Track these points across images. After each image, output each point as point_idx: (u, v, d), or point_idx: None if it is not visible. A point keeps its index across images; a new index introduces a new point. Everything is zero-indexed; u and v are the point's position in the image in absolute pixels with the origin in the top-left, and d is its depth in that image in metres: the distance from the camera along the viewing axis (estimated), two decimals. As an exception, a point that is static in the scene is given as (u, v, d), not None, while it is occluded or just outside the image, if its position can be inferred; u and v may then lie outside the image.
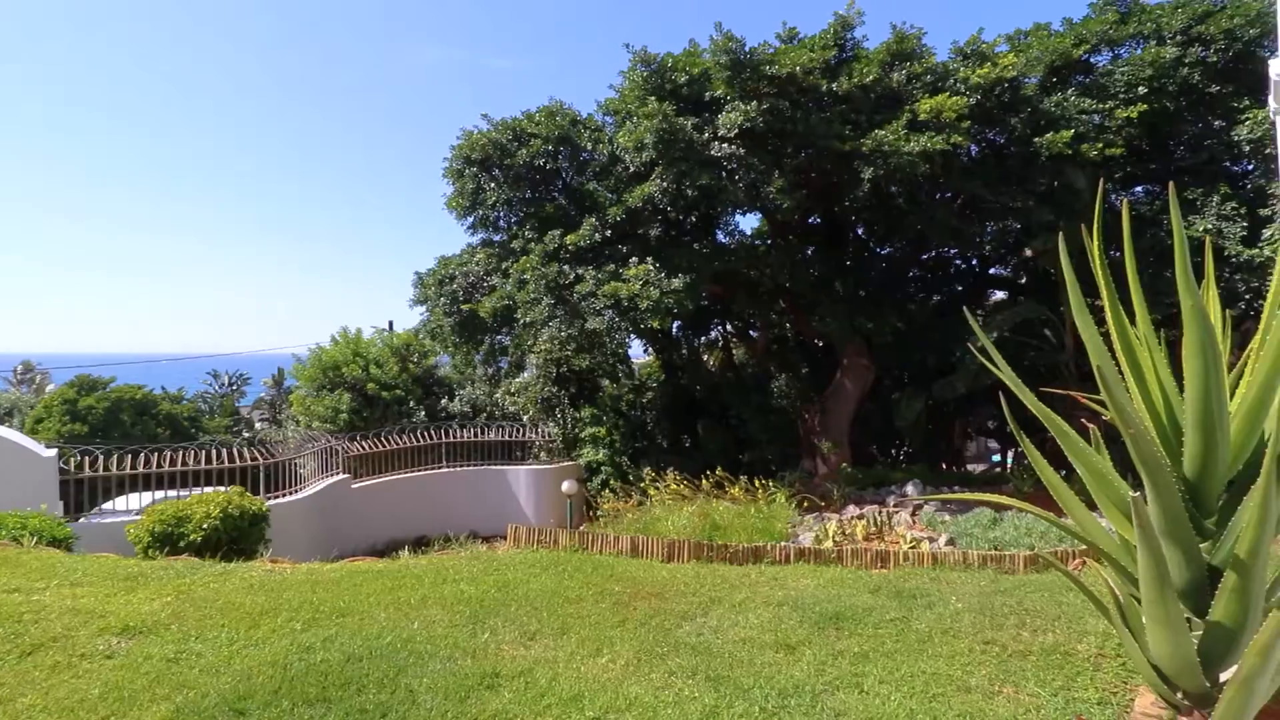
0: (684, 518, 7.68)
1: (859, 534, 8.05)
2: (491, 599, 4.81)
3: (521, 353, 14.95)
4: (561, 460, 15.80)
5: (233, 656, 3.47)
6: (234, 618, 4.04)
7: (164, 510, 7.59)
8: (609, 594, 5.15)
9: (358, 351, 19.38)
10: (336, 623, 4.08)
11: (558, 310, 11.39)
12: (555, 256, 11.85)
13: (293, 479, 12.34)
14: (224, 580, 4.86)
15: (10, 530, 6.26)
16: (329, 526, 12.09)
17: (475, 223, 13.63)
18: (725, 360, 17.69)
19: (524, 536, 6.72)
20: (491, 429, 15.80)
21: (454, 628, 4.18)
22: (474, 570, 5.57)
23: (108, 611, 4.00)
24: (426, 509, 14.04)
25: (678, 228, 13.34)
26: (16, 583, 4.51)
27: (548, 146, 12.70)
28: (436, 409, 18.95)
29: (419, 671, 3.47)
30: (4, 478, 8.64)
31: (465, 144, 12.87)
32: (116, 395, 21.49)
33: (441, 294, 13.53)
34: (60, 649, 3.46)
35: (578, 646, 4.02)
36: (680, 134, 11.02)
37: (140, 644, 3.57)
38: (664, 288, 10.57)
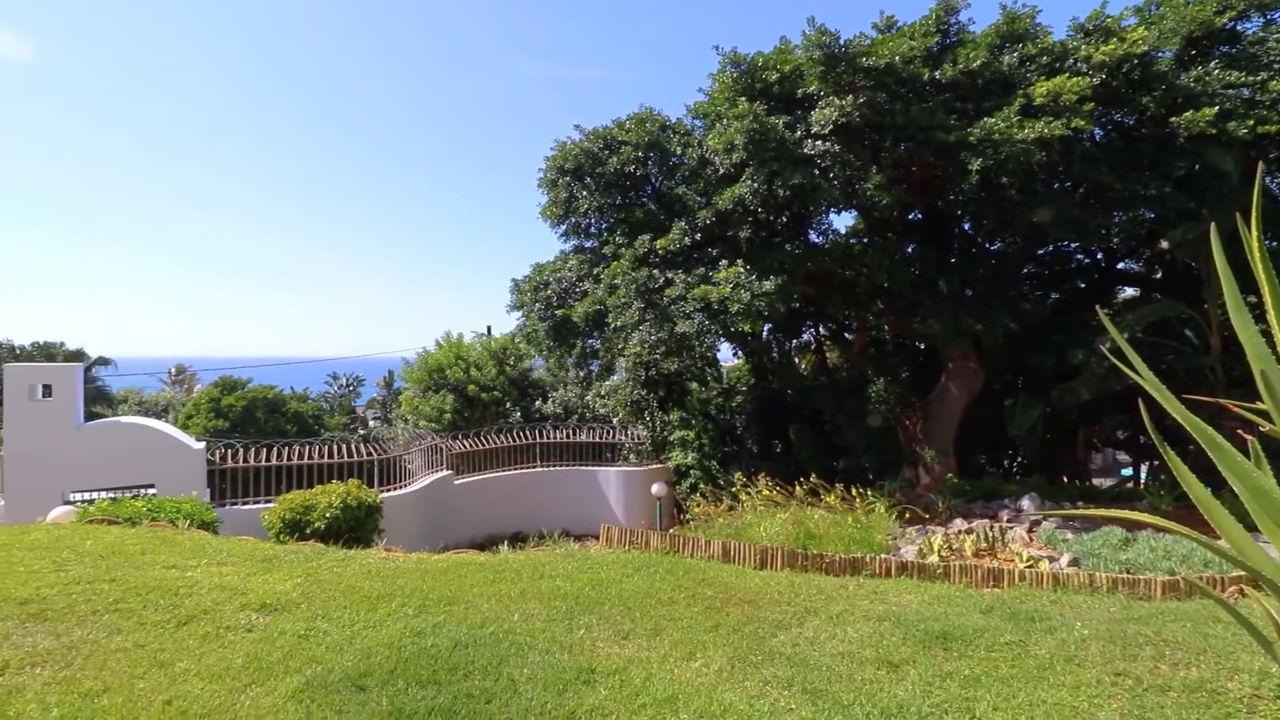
0: (777, 525, 7.52)
1: (968, 549, 7.56)
2: (586, 596, 4.92)
3: (611, 356, 15.21)
4: (650, 463, 15.92)
5: (354, 636, 3.76)
6: (355, 600, 4.38)
7: (293, 499, 8.36)
8: (701, 598, 5.13)
9: (459, 355, 20.47)
10: (444, 610, 4.32)
11: (647, 314, 11.49)
12: (645, 261, 11.97)
13: (402, 474, 13.20)
14: (346, 565, 5.28)
15: (168, 514, 7.11)
16: (434, 519, 12.83)
17: (568, 230, 14.02)
18: (818, 364, 17.17)
19: (616, 537, 6.82)
20: (583, 430, 16.18)
21: (551, 622, 4.31)
22: (569, 568, 5.72)
23: (248, 589, 4.45)
24: (522, 506, 14.59)
25: (768, 229, 13.10)
26: (173, 560, 5.11)
27: (637, 153, 12.86)
28: (531, 410, 19.67)
29: (520, 662, 3.61)
30: (163, 467, 9.81)
31: (559, 154, 13.28)
32: (253, 395, 23.85)
33: (536, 300, 14.01)
34: (209, 620, 3.88)
35: (671, 649, 4.03)
36: (771, 133, 10.83)
37: (275, 620, 3.94)
38: (755, 290, 10.41)
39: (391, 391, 38.96)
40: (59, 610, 3.76)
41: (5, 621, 3.55)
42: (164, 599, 4.07)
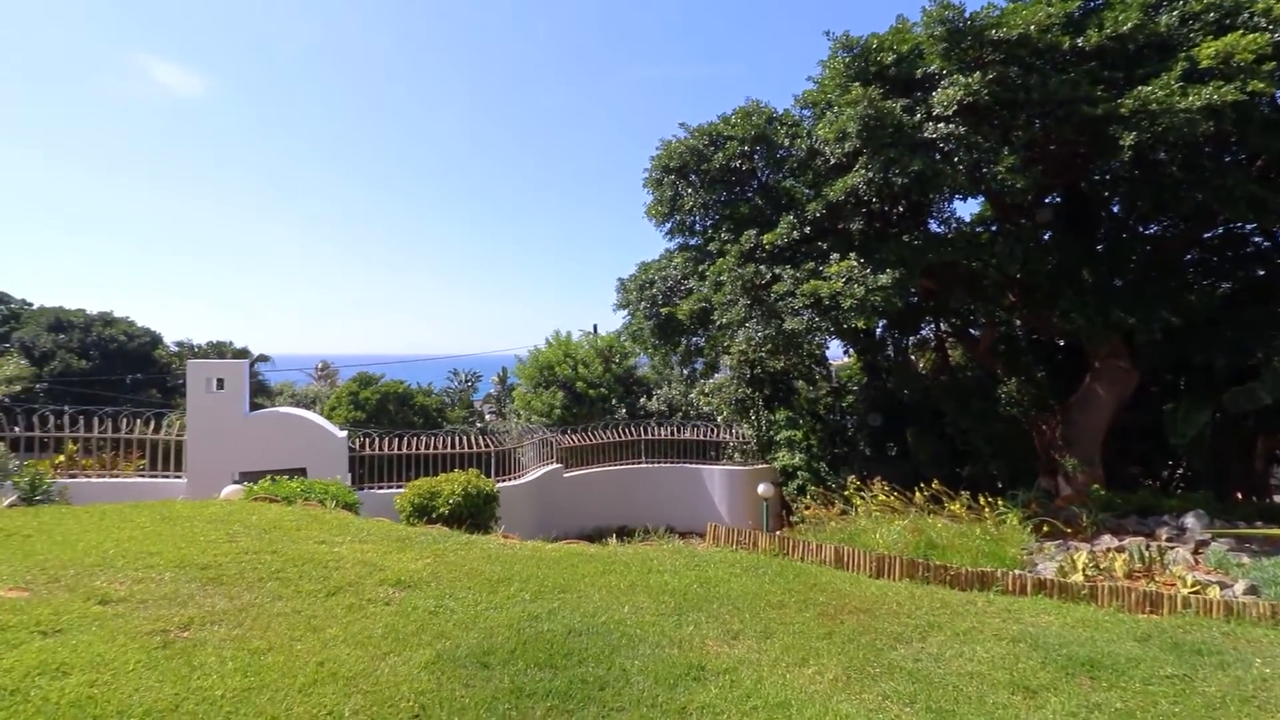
0: (894, 532, 7.12)
1: (1119, 570, 6.77)
2: (694, 594, 4.91)
3: (716, 354, 15.09)
4: (756, 462, 15.65)
5: (478, 616, 3.99)
6: (477, 582, 4.65)
7: (421, 486, 9.02)
8: (813, 603, 4.98)
9: (568, 353, 21.18)
10: (558, 598, 4.48)
11: (753, 311, 11.28)
12: (751, 257, 11.76)
13: (515, 466, 13.86)
14: (469, 549, 5.62)
15: (317, 494, 7.90)
16: (544, 510, 13.36)
17: (673, 228, 14.06)
18: (939, 362, 16.07)
19: (722, 536, 6.77)
20: (687, 428, 16.19)
21: (660, 616, 4.35)
22: (676, 564, 5.74)
23: (385, 566, 4.85)
24: (627, 501, 14.84)
25: (883, 220, 12.45)
26: (323, 536, 5.67)
27: (744, 147, 12.66)
28: (636, 407, 19.97)
29: (630, 653, 3.67)
30: (313, 452, 10.91)
31: (664, 153, 13.34)
32: (385, 389, 25.99)
33: (642, 298, 14.18)
34: (353, 592, 4.27)
35: (782, 653, 3.94)
36: (888, 118, 10.27)
37: (409, 596, 4.27)
38: (869, 284, 9.91)
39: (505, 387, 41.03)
40: (231, 576, 4.29)
41: (190, 584, 4.10)
42: (316, 571, 4.53)
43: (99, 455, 10.84)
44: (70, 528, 5.25)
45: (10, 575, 3.87)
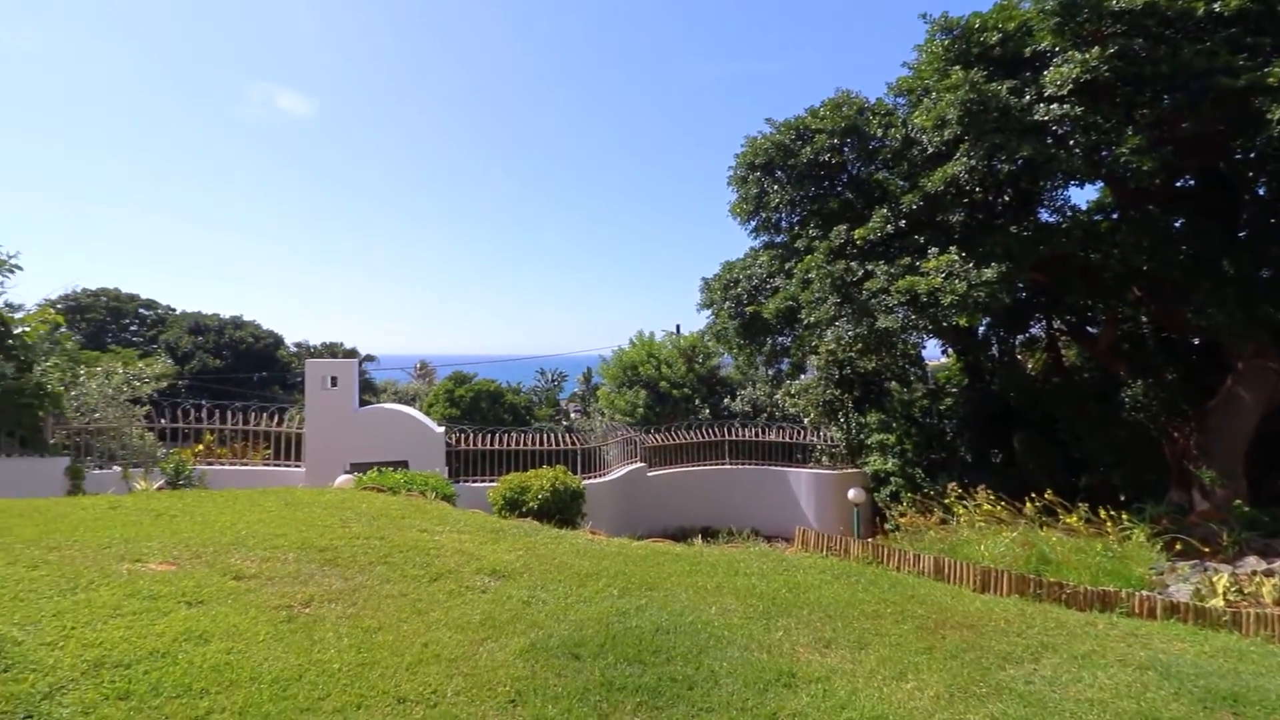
0: (1001, 544, 6.65)
1: (1267, 595, 6.01)
2: (783, 599, 4.81)
3: (803, 354, 14.70)
4: (845, 466, 15.11)
5: (568, 608, 4.09)
6: (567, 575, 4.76)
7: (512, 480, 9.37)
8: (911, 616, 4.74)
9: (651, 353, 21.33)
10: (645, 595, 4.52)
11: (844, 309, 10.89)
12: (841, 253, 11.37)
13: (600, 463, 14.10)
14: (558, 543, 5.77)
15: (418, 486, 8.37)
16: (628, 508, 13.51)
17: (758, 226, 13.84)
18: (1051, 362, 14.87)
19: (811, 541, 6.58)
20: (772, 429, 15.87)
21: (749, 620, 4.28)
22: (763, 567, 5.64)
23: (481, 555, 5.07)
24: (711, 502, 14.74)
25: (987, 210, 11.67)
26: (424, 525, 6.00)
27: (833, 140, 12.26)
28: (719, 407, 19.81)
29: (718, 655, 3.64)
30: (415, 446, 11.58)
31: (749, 150, 13.15)
32: (478, 387, 27.21)
33: (726, 298, 14.04)
34: (453, 579, 4.49)
35: (878, 665, 3.78)
36: (992, 101, 9.64)
37: (504, 585, 4.44)
38: (972, 279, 9.33)
39: (590, 387, 41.88)
40: (345, 559, 4.63)
41: (310, 564, 4.46)
42: (419, 557, 4.80)
43: (231, 445, 12.01)
44: (208, 510, 5.85)
45: (160, 551, 4.36)
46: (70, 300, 32.86)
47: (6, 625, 2.83)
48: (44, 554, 3.94)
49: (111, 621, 3.04)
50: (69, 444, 9.70)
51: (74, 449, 9.69)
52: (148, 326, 37.53)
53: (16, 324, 9.65)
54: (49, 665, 2.58)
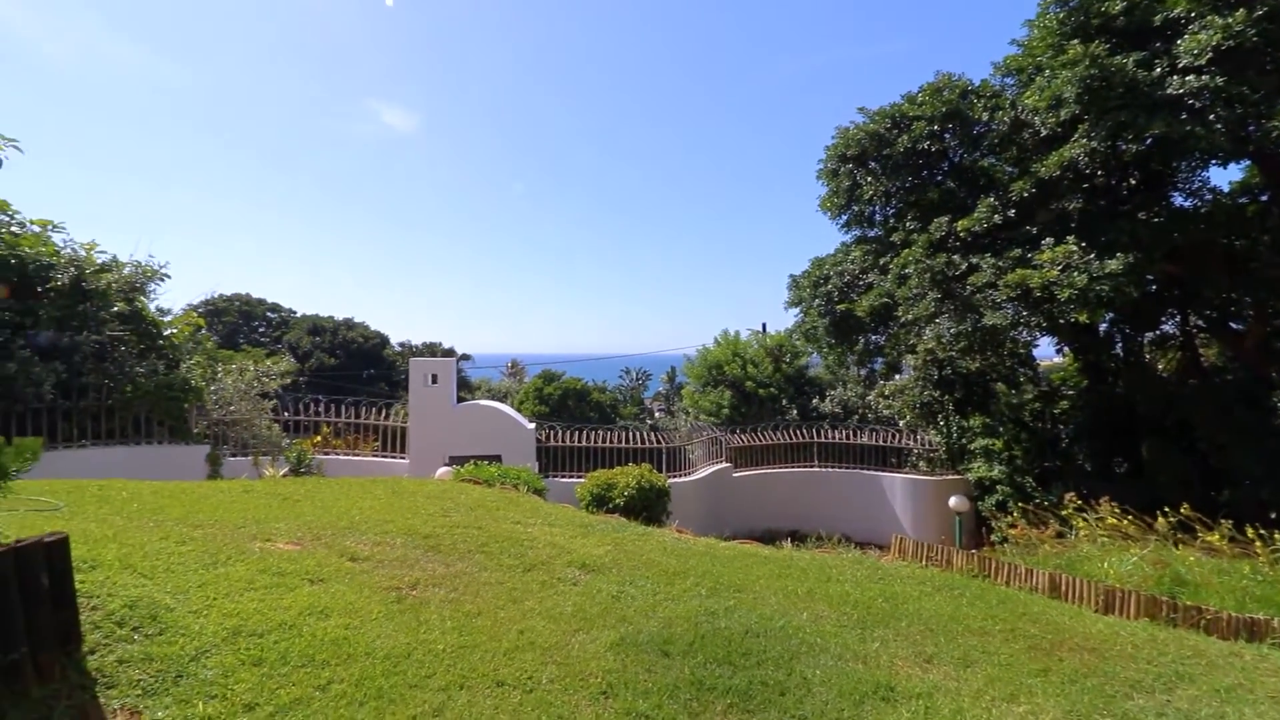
0: (1129, 562, 6.05)
1: None
2: (879, 609, 4.60)
3: (899, 353, 14.03)
4: (944, 472, 14.28)
5: (656, 605, 4.11)
6: (655, 573, 4.79)
7: (599, 477, 9.53)
8: (1022, 635, 4.41)
9: (736, 352, 21.05)
10: (734, 596, 4.46)
11: (945, 305, 10.30)
12: (942, 246, 10.76)
13: (684, 463, 14.08)
14: (645, 540, 5.81)
15: (511, 479, 8.69)
16: (713, 508, 13.41)
17: (850, 220, 13.35)
18: (1187, 363, 13.38)
19: (909, 550, 6.26)
20: (864, 432, 15.25)
21: (842, 628, 4.13)
22: (857, 575, 5.43)
23: (571, 549, 5.19)
24: (798, 504, 14.38)
25: (1110, 196, 10.68)
26: (518, 518, 6.22)
27: (932, 127, 11.62)
28: (807, 408, 19.26)
29: (811, 662, 3.53)
30: (508, 442, 12.04)
31: (840, 141, 12.71)
32: (566, 385, 27.93)
33: (816, 295, 13.64)
34: (545, 571, 4.62)
35: (986, 685, 3.54)
36: (1116, 76, 8.79)
37: (593, 579, 4.52)
38: (1093, 271, 8.56)
39: (674, 386, 41.97)
40: (447, 546, 4.87)
41: (415, 550, 4.73)
42: (513, 548, 4.98)
43: (344, 437, 12.97)
44: (326, 496, 6.33)
45: (286, 532, 4.77)
46: (209, 305, 36.66)
47: (161, 593, 3.19)
48: (190, 531, 4.40)
49: (246, 594, 3.35)
50: (209, 433, 10.82)
51: (213, 438, 10.80)
52: (273, 328, 41.25)
53: (166, 326, 10.88)
54: (195, 631, 2.88)
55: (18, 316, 8.86)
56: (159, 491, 5.94)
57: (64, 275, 9.29)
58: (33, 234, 9.81)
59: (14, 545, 2.31)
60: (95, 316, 9.52)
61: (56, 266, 9.39)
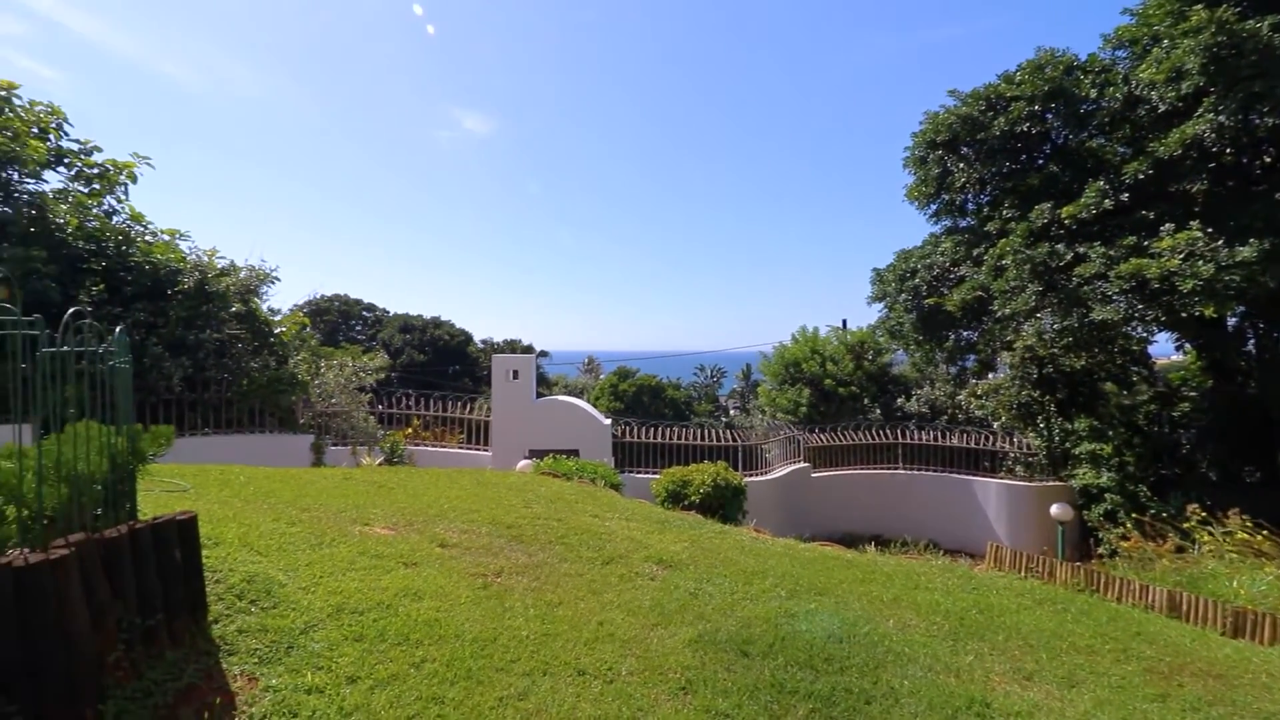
0: (1263, 582, 5.43)
1: None
2: (972, 620, 4.36)
3: (993, 349, 13.21)
4: (1045, 478, 13.33)
5: (735, 604, 4.07)
6: (732, 571, 4.74)
7: (675, 474, 9.54)
8: (1136, 655, 4.06)
9: (815, 349, 20.48)
10: (815, 600, 4.35)
11: (1047, 298, 9.61)
12: (1044, 235, 10.03)
13: (760, 461, 13.86)
14: (722, 538, 5.76)
15: (589, 473, 8.85)
16: (791, 508, 13.13)
17: (940, 209, 12.69)
18: (1335, 361, 11.84)
19: (1006, 559, 5.89)
20: (954, 433, 14.47)
21: (932, 638, 3.94)
22: (948, 583, 5.16)
23: (649, 544, 5.22)
24: (881, 508, 13.84)
25: (1240, 176, 9.61)
26: (595, 511, 6.32)
27: (1032, 107, 10.85)
28: (891, 407, 18.48)
29: (898, 672, 3.39)
30: (584, 436, 12.26)
31: (928, 127, 12.09)
32: (640, 382, 28.14)
33: (902, 289, 13.06)
34: (623, 565, 4.67)
35: (1094, 708, 3.28)
36: (1248, 43, 7.90)
37: (671, 575, 4.53)
38: (1221, 260, 7.73)
39: (749, 383, 41.38)
40: (528, 536, 5.02)
41: (499, 539, 4.90)
42: (592, 540, 5.07)
43: (432, 429, 13.62)
44: (417, 485, 6.68)
45: (383, 517, 5.06)
46: (312, 305, 39.44)
47: (275, 570, 3.46)
48: (298, 513, 4.75)
49: (348, 574, 3.59)
50: (313, 424, 11.64)
51: (316, 428, 11.62)
52: (368, 326, 43.88)
53: (276, 325, 11.80)
54: (304, 606, 3.11)
55: (151, 317, 9.86)
56: (270, 477, 6.44)
57: (190, 279, 10.24)
58: (163, 242, 10.88)
59: (152, 521, 2.58)
60: (216, 316, 10.45)
61: (183, 271, 10.37)
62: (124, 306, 9.61)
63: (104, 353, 2.64)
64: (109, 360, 2.68)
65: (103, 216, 10.49)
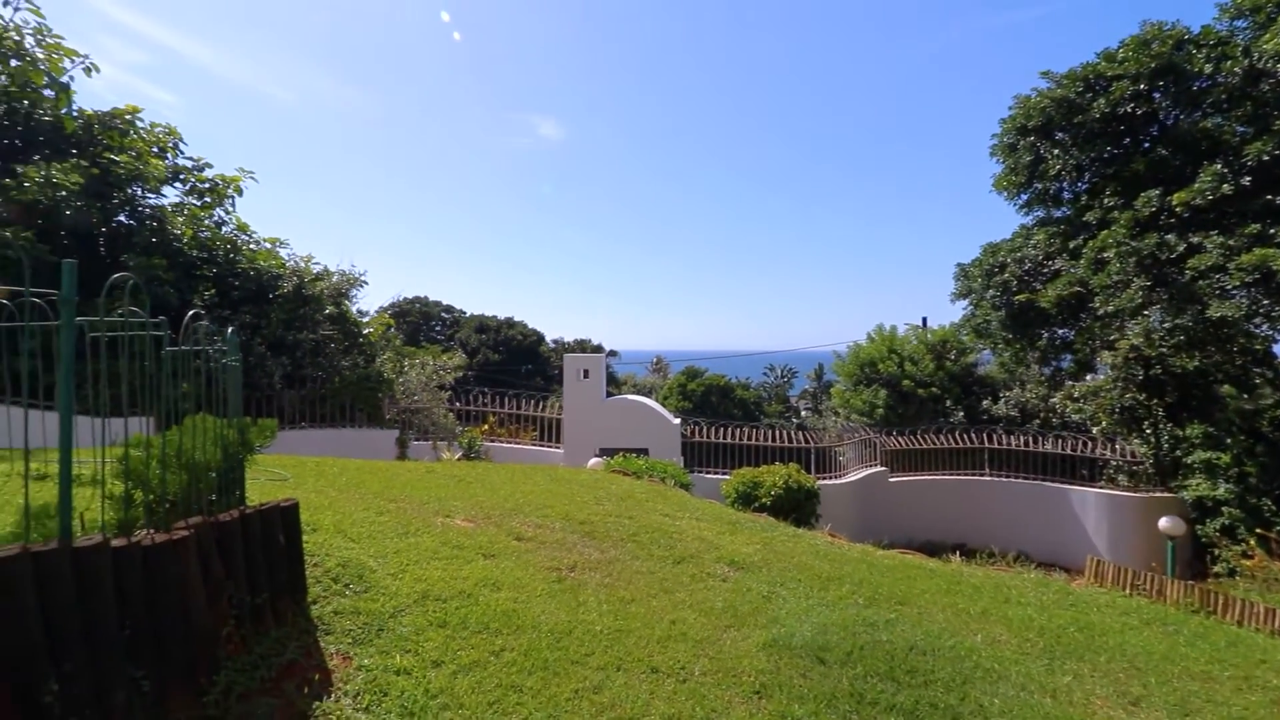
0: None
1: None
2: (1070, 638, 4.07)
3: (1092, 349, 12.27)
4: (1152, 489, 12.28)
5: (809, 610, 3.97)
6: (807, 576, 4.63)
7: (745, 475, 9.42)
8: (1261, 685, 3.68)
9: (892, 348, 19.67)
10: (895, 609, 4.18)
11: (1155, 293, 8.84)
12: (1152, 224, 9.25)
13: (834, 464, 13.46)
14: (795, 542, 5.64)
15: (658, 472, 8.87)
16: (866, 513, 12.69)
17: (1032, 199, 11.93)
18: None
19: (1109, 575, 5.46)
20: (1047, 439, 13.55)
21: (1025, 656, 3.71)
22: (1042, 598, 4.84)
23: (720, 545, 5.17)
24: (965, 516, 13.15)
25: (1396, 152, 8.52)
26: (666, 510, 6.33)
27: (1137, 86, 10.02)
28: (977, 410, 17.50)
29: (988, 689, 3.21)
30: (654, 435, 12.31)
31: (1019, 112, 11.39)
32: (709, 382, 27.95)
33: (989, 285, 12.35)
34: (694, 564, 4.65)
35: (1216, 740, 2.99)
36: None
37: (743, 577, 4.47)
38: (1368, 248, 6.89)
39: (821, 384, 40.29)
40: (600, 533, 5.09)
41: (572, 534, 4.99)
42: (663, 539, 5.08)
43: (507, 426, 14.04)
44: (494, 479, 6.90)
45: (463, 510, 5.26)
46: (396, 306, 41.52)
47: (366, 556, 3.66)
48: (386, 503, 5.01)
49: (432, 563, 3.75)
50: (397, 419, 12.25)
51: (400, 424, 12.22)
52: (446, 326, 45.76)
53: (364, 326, 12.50)
54: (392, 591, 3.27)
55: (255, 319, 10.65)
56: (360, 468, 6.82)
57: (289, 284, 11.00)
58: (265, 250, 11.73)
59: (260, 507, 2.78)
60: (311, 318, 11.17)
61: (283, 276, 11.14)
62: (232, 309, 10.43)
63: (217, 352, 2.88)
64: (222, 359, 2.91)
65: (213, 227, 11.43)
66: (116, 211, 10.13)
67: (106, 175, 9.81)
